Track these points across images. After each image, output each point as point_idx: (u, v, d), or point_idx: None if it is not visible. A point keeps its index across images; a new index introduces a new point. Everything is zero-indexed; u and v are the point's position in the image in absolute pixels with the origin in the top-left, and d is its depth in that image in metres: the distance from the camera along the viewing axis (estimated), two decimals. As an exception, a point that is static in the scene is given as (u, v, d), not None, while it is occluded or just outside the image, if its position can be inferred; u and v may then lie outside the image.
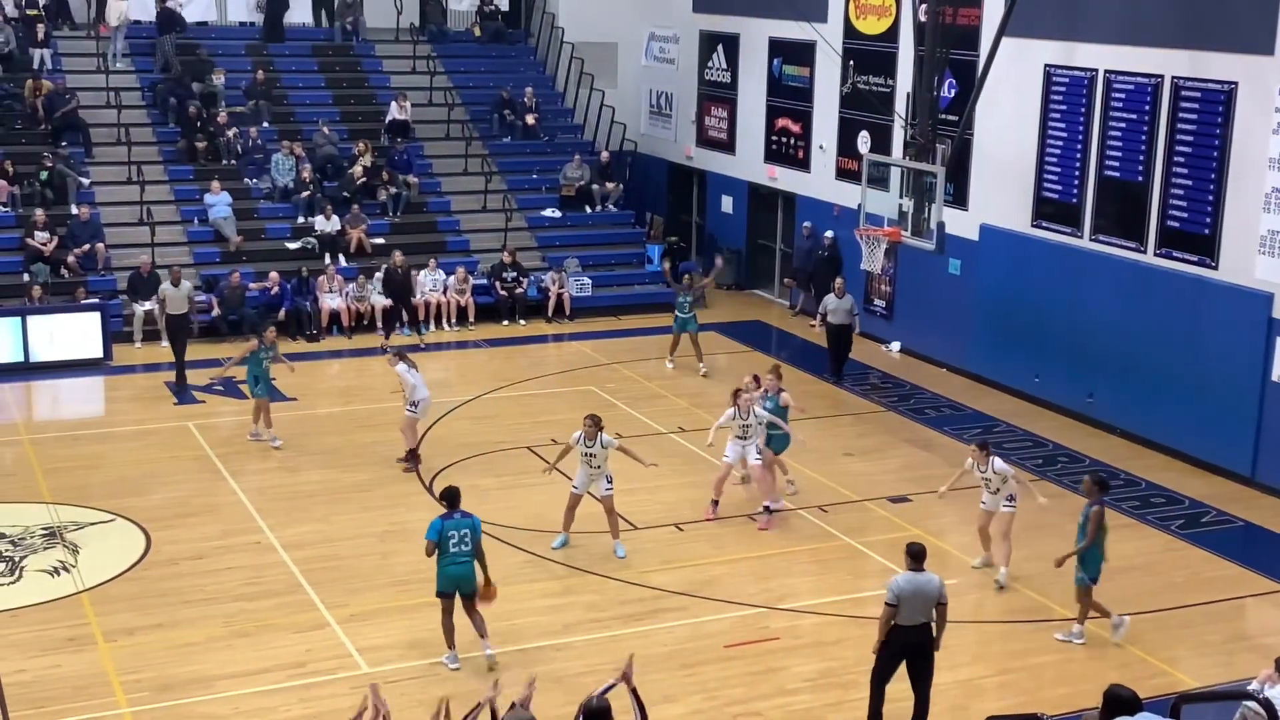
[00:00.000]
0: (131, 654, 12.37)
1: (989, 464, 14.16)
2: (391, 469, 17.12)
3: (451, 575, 12.06)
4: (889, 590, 10.83)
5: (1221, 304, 17.34)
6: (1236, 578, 14.63)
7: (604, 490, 14.81)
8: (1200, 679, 12.26)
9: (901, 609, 10.74)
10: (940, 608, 10.89)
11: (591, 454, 14.68)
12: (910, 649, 10.89)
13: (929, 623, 10.91)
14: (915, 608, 10.80)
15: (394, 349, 18.75)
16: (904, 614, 10.77)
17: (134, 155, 24.94)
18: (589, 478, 14.82)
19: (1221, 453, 17.45)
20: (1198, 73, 17.57)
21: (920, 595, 10.78)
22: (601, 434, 14.70)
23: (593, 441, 14.66)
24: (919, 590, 10.79)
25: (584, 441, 14.71)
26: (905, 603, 10.74)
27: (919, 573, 10.88)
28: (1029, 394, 20.30)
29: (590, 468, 14.78)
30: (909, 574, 10.87)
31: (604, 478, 14.80)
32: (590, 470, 14.78)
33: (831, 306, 21.13)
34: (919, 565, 10.89)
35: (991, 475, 14.19)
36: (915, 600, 10.78)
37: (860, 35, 23.61)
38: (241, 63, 27.66)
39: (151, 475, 16.90)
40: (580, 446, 14.73)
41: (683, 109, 29.08)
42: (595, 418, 14.80)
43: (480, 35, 30.18)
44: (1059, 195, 19.79)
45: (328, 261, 24.02)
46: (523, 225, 26.35)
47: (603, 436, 14.70)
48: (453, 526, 12.06)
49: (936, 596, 10.85)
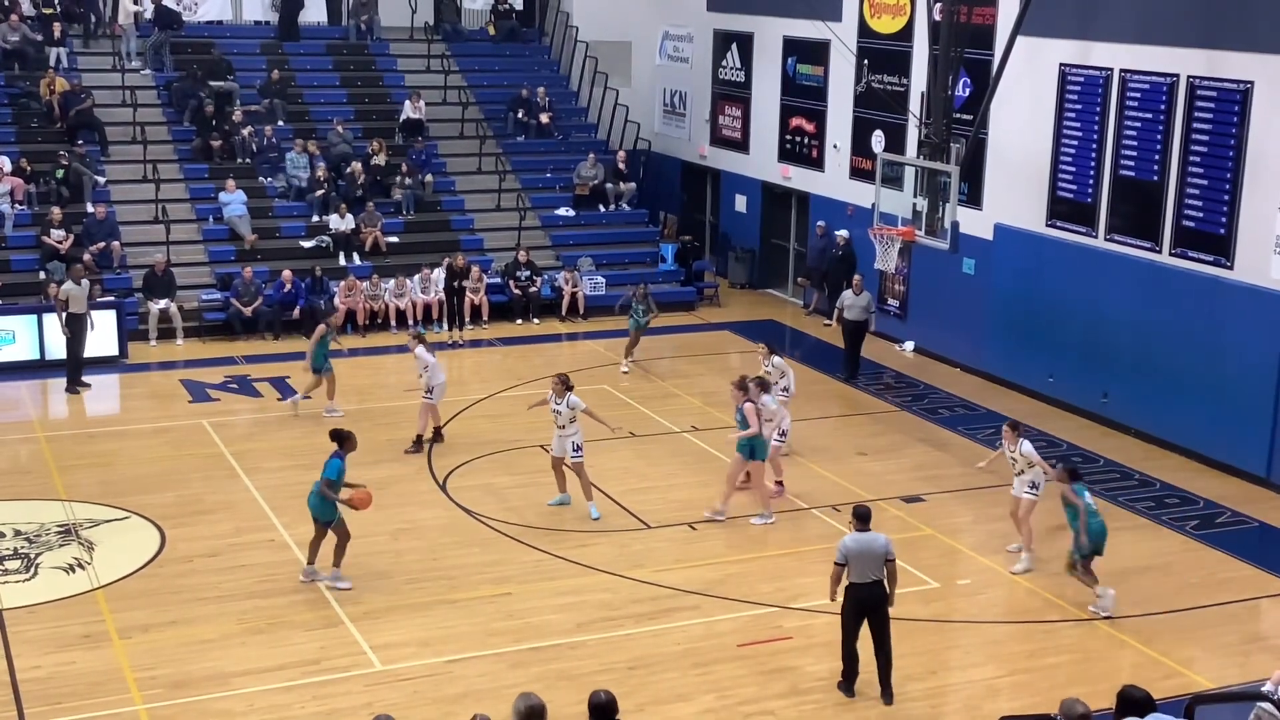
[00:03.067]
0: (146, 651, 12.42)
1: (1018, 445, 14.49)
2: (405, 466, 17.15)
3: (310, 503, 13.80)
4: (838, 550, 11.66)
5: (1237, 304, 17.28)
6: (1252, 578, 14.58)
7: (572, 456, 15.45)
8: (1216, 680, 12.22)
9: (851, 566, 11.60)
10: (889, 564, 11.66)
11: (558, 412, 15.33)
12: (866, 604, 11.67)
13: (881, 580, 11.65)
14: (865, 565, 11.60)
15: (415, 331, 19.48)
16: (855, 572, 11.62)
17: (149, 154, 25.02)
18: (558, 439, 15.47)
19: (1237, 453, 17.39)
20: (1213, 72, 17.51)
21: (868, 553, 11.60)
22: (570, 394, 15.35)
23: (560, 400, 15.34)
24: (866, 549, 11.60)
25: (553, 400, 15.42)
26: (854, 560, 11.59)
27: (865, 532, 11.68)
28: (1043, 394, 20.26)
29: (556, 427, 15.47)
30: (856, 534, 11.69)
31: (570, 443, 15.40)
32: (557, 431, 15.44)
33: (849, 303, 21.10)
34: (865, 526, 11.72)
35: (1018, 456, 14.50)
36: (863, 558, 11.59)
37: (875, 34, 23.59)
38: (257, 61, 27.73)
39: (166, 473, 16.95)
40: (551, 404, 15.45)
41: (697, 108, 29.08)
42: (564, 376, 15.51)
43: (494, 34, 30.23)
44: (1074, 195, 19.74)
45: (342, 262, 24.11)
46: (536, 224, 26.37)
47: (570, 397, 15.34)
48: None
49: (883, 554, 11.62)
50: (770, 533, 15.42)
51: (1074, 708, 8.43)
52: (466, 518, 15.69)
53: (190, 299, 23.02)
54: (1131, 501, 16.58)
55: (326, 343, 19.21)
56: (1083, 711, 8.35)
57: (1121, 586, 14.20)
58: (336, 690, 11.81)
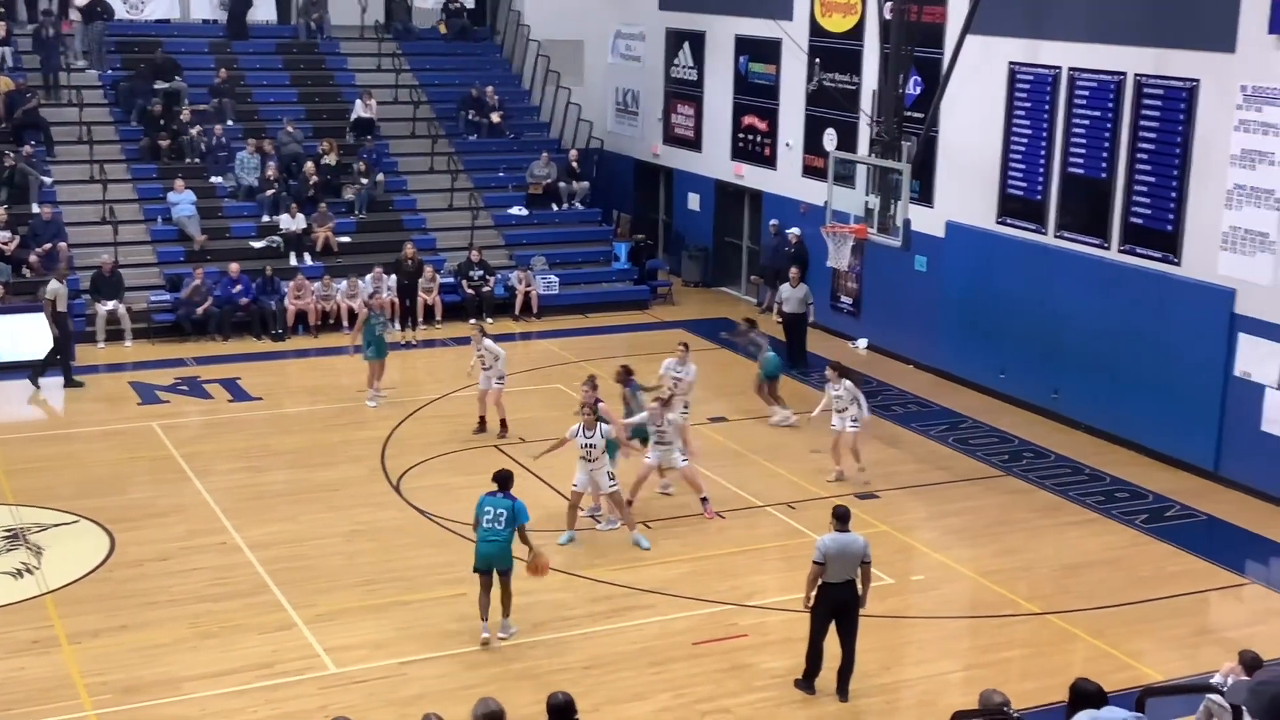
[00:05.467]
0: (96, 656, 12.28)
1: (841, 384, 16.30)
2: (358, 468, 17.05)
3: (481, 552, 12.35)
4: (817, 550, 11.49)
5: (1184, 300, 17.47)
6: (1201, 571, 14.74)
7: (610, 486, 14.76)
8: (1165, 673, 12.35)
9: (829, 567, 11.45)
10: (864, 566, 11.58)
11: (591, 445, 14.51)
12: (839, 605, 11.59)
13: (854, 580, 11.58)
14: (842, 566, 11.49)
15: (478, 324, 19.90)
16: (831, 572, 11.47)
17: (96, 154, 24.75)
18: (585, 473, 14.66)
19: (1185, 447, 17.58)
20: (1160, 70, 17.69)
21: (846, 554, 11.48)
22: (601, 424, 14.60)
23: (591, 432, 14.53)
24: (844, 549, 11.48)
25: (582, 433, 14.56)
26: (832, 561, 11.44)
27: (844, 533, 11.54)
28: (995, 390, 20.40)
29: (589, 461, 14.59)
30: (835, 534, 11.54)
31: (604, 473, 14.67)
32: (590, 465, 14.62)
33: (786, 295, 21.37)
34: (844, 526, 11.57)
35: (842, 393, 16.29)
36: (841, 559, 11.47)
37: (826, 33, 23.67)
38: (205, 60, 27.49)
39: (116, 476, 16.78)
40: (579, 439, 14.58)
41: (649, 107, 29.09)
42: (593, 404, 14.74)
43: (445, 33, 30.10)
44: (1024, 192, 19.89)
45: (293, 262, 23.96)
46: (489, 224, 26.29)
47: (602, 426, 14.59)
48: (489, 504, 12.33)
49: (861, 555, 11.54)
50: (725, 530, 15.44)
51: (991, 698, 8.55)
52: (421, 519, 15.62)
53: (139, 300, 22.80)
54: (1082, 496, 16.72)
55: (373, 327, 19.28)
56: (1000, 701, 8.45)
57: (1072, 580, 14.35)
58: (290, 694, 11.72)
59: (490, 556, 12.32)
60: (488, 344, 18.09)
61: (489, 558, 12.32)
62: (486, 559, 12.34)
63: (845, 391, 16.44)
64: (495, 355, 18.04)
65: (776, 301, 21.88)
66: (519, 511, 12.34)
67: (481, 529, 12.34)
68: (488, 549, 12.30)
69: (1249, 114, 16.51)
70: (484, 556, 12.34)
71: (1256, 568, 15.23)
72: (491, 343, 18.21)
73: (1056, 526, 15.79)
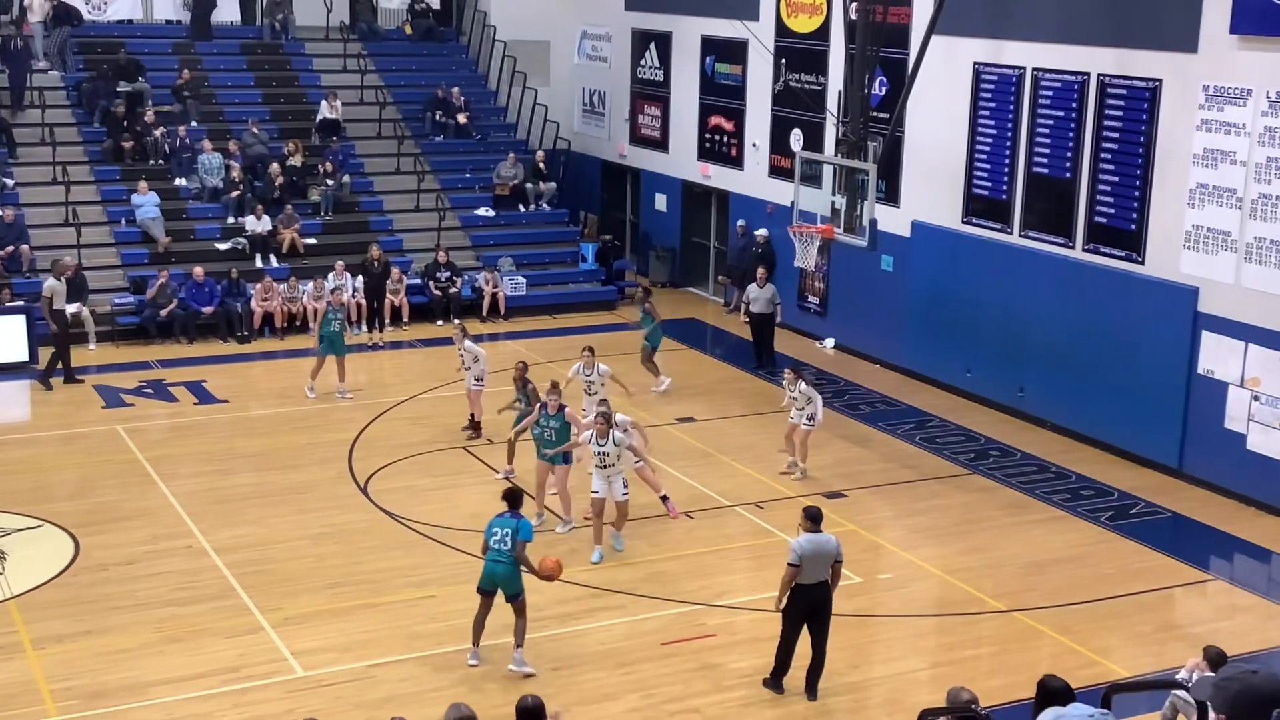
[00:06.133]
0: (61, 661, 12.18)
1: (798, 385, 16.67)
2: (325, 470, 16.98)
3: (487, 572, 12.04)
4: (792, 551, 11.45)
5: (1148, 298, 17.59)
6: (1165, 568, 14.85)
7: (620, 494, 14.57)
8: (1131, 669, 12.42)
9: (804, 568, 11.42)
10: (836, 565, 11.61)
11: (605, 453, 14.40)
12: (813, 606, 11.59)
13: (826, 580, 11.60)
14: (816, 567, 11.49)
15: (458, 324, 19.70)
16: (806, 573, 11.45)
17: (59, 155, 24.56)
18: (605, 480, 14.45)
19: (1149, 445, 17.70)
20: (1123, 70, 17.81)
21: (820, 554, 11.49)
22: (614, 431, 14.42)
23: (604, 440, 14.37)
24: (819, 550, 11.49)
25: (595, 441, 14.40)
26: (807, 562, 11.42)
27: (817, 533, 11.53)
28: (961, 389, 20.49)
29: (604, 468, 14.42)
30: (809, 535, 11.51)
31: (620, 479, 14.52)
32: (605, 472, 14.44)
33: (753, 295, 21.42)
34: (817, 527, 11.57)
35: (799, 394, 16.64)
36: (816, 559, 11.47)
37: (792, 33, 23.72)
38: (169, 61, 27.32)
39: (79, 480, 16.66)
40: (592, 447, 14.44)
41: (616, 107, 29.09)
42: (605, 414, 14.58)
43: (411, 33, 30.01)
44: (989, 192, 19.99)
45: (259, 264, 23.83)
46: (456, 225, 26.23)
47: (614, 434, 14.41)
48: (497, 524, 12.08)
49: (834, 554, 11.57)
50: (693, 530, 15.44)
51: (959, 695, 8.59)
52: (388, 520, 15.56)
53: (103, 303, 22.63)
54: (1048, 494, 16.82)
55: (329, 322, 19.44)
56: (968, 698, 8.49)
57: (1039, 578, 14.42)
58: (257, 698, 11.66)
59: (495, 576, 11.96)
60: (468, 345, 18.15)
61: (493, 578, 12.01)
62: (491, 579, 12.03)
63: (801, 394, 16.61)
64: (475, 356, 18.06)
65: (744, 302, 21.93)
66: (523, 529, 12.05)
67: (490, 550, 12.05)
68: (493, 569, 11.99)
69: (1211, 113, 16.65)
70: (489, 576, 12.02)
71: (1220, 564, 15.37)
72: (472, 344, 18.27)
73: (1023, 524, 15.88)
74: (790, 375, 16.92)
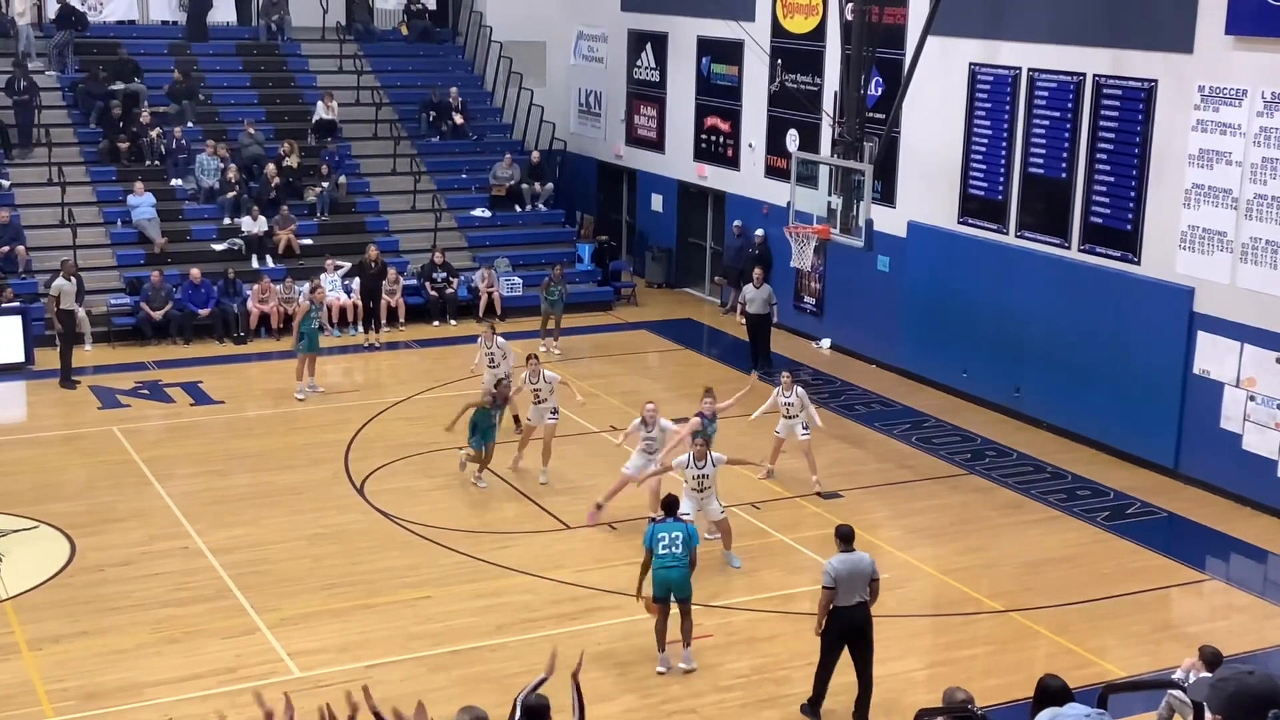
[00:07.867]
0: (57, 662, 12.17)
1: (793, 391, 16.42)
2: (322, 471, 16.97)
3: (659, 579, 12.05)
4: (826, 574, 11.10)
5: (1144, 299, 17.61)
6: (1162, 568, 14.86)
7: (718, 513, 14.36)
8: (1127, 669, 12.44)
9: (840, 590, 11.02)
10: (873, 584, 11.22)
11: (704, 475, 14.08)
12: (852, 629, 11.16)
13: (866, 601, 11.19)
14: (852, 587, 11.10)
15: (489, 321, 20.28)
16: (842, 594, 11.05)
17: (55, 156, 24.54)
18: (699, 503, 14.12)
19: (1145, 445, 17.72)
20: (1119, 71, 17.83)
21: (855, 574, 11.09)
22: (711, 453, 14.14)
23: (703, 462, 14.07)
24: (854, 569, 11.11)
25: (693, 463, 14.11)
26: (842, 583, 11.03)
27: (851, 553, 11.20)
28: (957, 389, 20.50)
29: (699, 492, 14.11)
30: (842, 555, 11.17)
31: (714, 499, 14.28)
32: (700, 495, 14.13)
33: (750, 296, 21.43)
34: (850, 546, 11.25)
35: (794, 400, 16.38)
36: (851, 580, 11.09)
37: (788, 34, 23.74)
38: (164, 62, 27.29)
39: (76, 481, 16.65)
40: (690, 470, 14.17)
41: (612, 108, 29.09)
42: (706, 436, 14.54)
43: (407, 34, 30.00)
44: (984, 192, 20.01)
45: (255, 265, 23.82)
46: (452, 225, 26.23)
47: (712, 455, 14.13)
48: (663, 530, 12.12)
49: (870, 573, 11.18)
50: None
51: (955, 695, 8.61)
52: (385, 521, 15.56)
53: (99, 303, 22.62)
54: (1044, 494, 16.83)
55: (310, 319, 19.55)
56: (964, 698, 8.51)
57: (1035, 578, 14.44)
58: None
59: (670, 582, 11.99)
60: (500, 341, 18.44)
61: (668, 583, 11.99)
62: (665, 585, 12.03)
63: (796, 399, 16.52)
64: (505, 353, 18.45)
65: (740, 302, 21.94)
66: (693, 534, 12.28)
67: (658, 556, 12.01)
68: (667, 575, 12.00)
69: (1206, 114, 16.67)
70: (663, 583, 12.00)
71: (1216, 564, 15.39)
72: (503, 340, 18.65)
73: (1019, 524, 15.89)
74: (787, 379, 16.81)
